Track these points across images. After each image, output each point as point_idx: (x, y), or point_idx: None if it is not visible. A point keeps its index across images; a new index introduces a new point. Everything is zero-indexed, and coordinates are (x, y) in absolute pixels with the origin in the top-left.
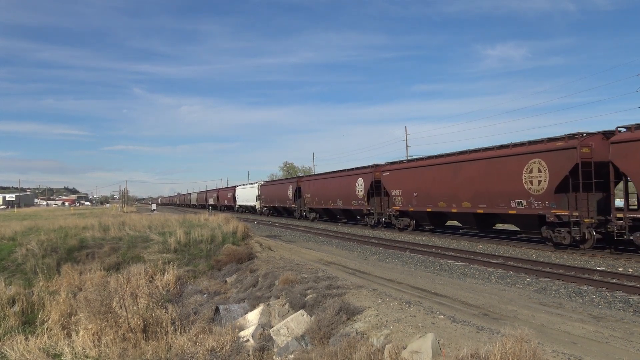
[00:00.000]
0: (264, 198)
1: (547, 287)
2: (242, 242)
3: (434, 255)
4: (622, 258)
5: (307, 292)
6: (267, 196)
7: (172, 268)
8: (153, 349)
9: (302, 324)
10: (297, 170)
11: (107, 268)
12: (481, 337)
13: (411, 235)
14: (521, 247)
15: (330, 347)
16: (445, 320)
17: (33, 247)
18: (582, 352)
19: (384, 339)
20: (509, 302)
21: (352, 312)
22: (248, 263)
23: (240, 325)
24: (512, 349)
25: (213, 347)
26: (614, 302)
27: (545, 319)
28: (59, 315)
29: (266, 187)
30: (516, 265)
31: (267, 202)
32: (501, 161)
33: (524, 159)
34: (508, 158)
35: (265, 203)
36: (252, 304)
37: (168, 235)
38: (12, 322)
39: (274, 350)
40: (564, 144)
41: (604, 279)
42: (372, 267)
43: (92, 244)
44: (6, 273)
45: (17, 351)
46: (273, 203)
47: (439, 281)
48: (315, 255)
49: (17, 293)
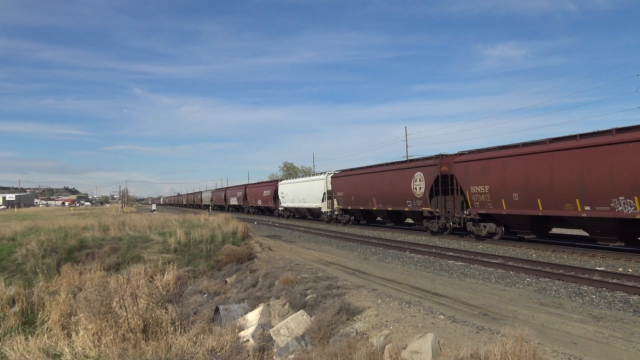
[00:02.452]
0: (341, 197)
1: (547, 287)
2: (242, 242)
3: (433, 255)
4: (622, 258)
5: (307, 292)
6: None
7: (172, 268)
8: (153, 349)
9: (302, 324)
10: (297, 170)
11: (107, 268)
12: (481, 337)
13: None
14: (521, 247)
15: (330, 347)
16: (445, 321)
17: (33, 247)
18: (582, 352)
19: (384, 339)
20: (509, 302)
21: (352, 312)
22: (248, 263)
23: (240, 326)
24: (512, 349)
25: (213, 347)
26: (614, 302)
27: (545, 319)
28: (59, 316)
29: (338, 179)
30: (516, 265)
31: (350, 204)
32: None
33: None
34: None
35: (348, 204)
36: (252, 304)
37: (168, 236)
38: (12, 322)
39: (274, 350)
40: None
41: (604, 279)
42: (372, 267)
43: (92, 244)
44: (6, 273)
45: (17, 351)
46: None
47: (439, 281)
48: (315, 255)
49: (17, 293)
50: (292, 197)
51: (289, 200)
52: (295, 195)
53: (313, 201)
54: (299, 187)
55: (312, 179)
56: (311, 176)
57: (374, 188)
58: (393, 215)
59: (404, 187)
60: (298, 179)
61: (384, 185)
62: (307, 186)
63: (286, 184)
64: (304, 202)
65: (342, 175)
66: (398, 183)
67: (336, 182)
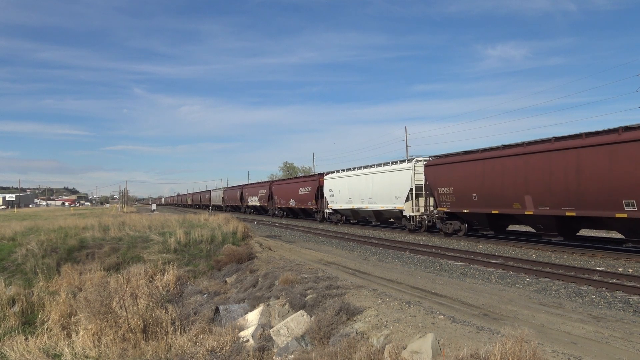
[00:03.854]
0: (447, 195)
1: (547, 287)
2: (242, 242)
3: (434, 256)
4: (622, 258)
5: (307, 292)
6: (458, 189)
7: (172, 268)
8: (153, 349)
9: (302, 324)
10: (297, 170)
11: (107, 268)
12: (481, 337)
13: None
14: (521, 247)
15: (330, 347)
16: (445, 321)
17: (33, 248)
18: (582, 352)
19: (384, 339)
20: (509, 302)
21: (352, 312)
22: (248, 263)
23: (240, 326)
24: (512, 349)
25: (213, 348)
26: (614, 302)
27: (545, 319)
28: (58, 316)
29: (441, 168)
30: (516, 265)
31: (465, 204)
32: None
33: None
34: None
35: (463, 205)
36: (252, 304)
37: (168, 236)
38: (12, 323)
39: (274, 350)
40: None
41: (603, 279)
42: (372, 267)
43: (92, 244)
44: (6, 273)
45: (17, 351)
46: None
47: (439, 281)
48: (315, 255)
49: (17, 293)
50: (349, 195)
51: (343, 199)
52: (354, 193)
53: (388, 201)
54: (362, 182)
55: (389, 169)
56: (384, 166)
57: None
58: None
59: None
60: (362, 170)
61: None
62: (378, 180)
63: (338, 178)
64: (372, 202)
65: (450, 161)
66: None
67: (435, 172)
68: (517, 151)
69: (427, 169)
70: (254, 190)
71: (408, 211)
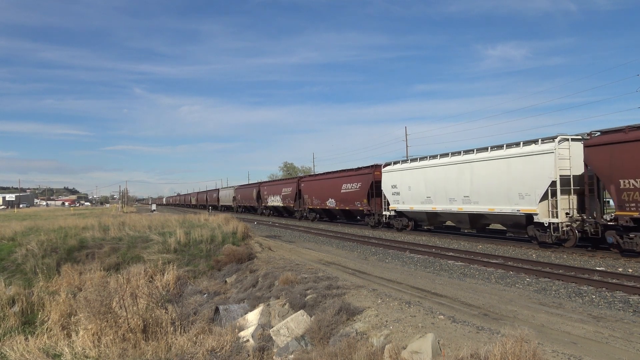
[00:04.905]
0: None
1: (547, 287)
2: (242, 242)
3: (433, 256)
4: (622, 258)
5: (307, 292)
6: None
7: (172, 268)
8: (153, 349)
9: (302, 324)
10: (297, 170)
11: (107, 268)
12: (481, 337)
13: (411, 236)
14: (521, 247)
15: (330, 347)
16: (445, 321)
17: (33, 247)
18: (582, 352)
19: (384, 339)
20: (509, 302)
21: (352, 312)
22: (248, 263)
23: (240, 326)
24: (512, 349)
25: (213, 348)
26: (614, 302)
27: (545, 319)
28: (58, 316)
29: (618, 147)
30: (516, 265)
31: None
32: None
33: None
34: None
35: None
36: (252, 304)
37: (168, 236)
38: (12, 322)
39: (273, 350)
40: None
41: (603, 279)
42: (372, 267)
43: (92, 244)
44: (6, 273)
45: (17, 351)
46: None
47: (438, 281)
48: (315, 255)
49: (17, 293)
50: (426, 192)
51: (415, 198)
52: (435, 189)
53: (504, 200)
54: (451, 174)
55: (507, 154)
56: (496, 150)
57: None
58: None
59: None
60: (449, 158)
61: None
62: (484, 170)
63: (406, 170)
64: (469, 201)
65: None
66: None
67: (612, 155)
68: None
69: (591, 150)
70: (275, 189)
71: (544, 216)
